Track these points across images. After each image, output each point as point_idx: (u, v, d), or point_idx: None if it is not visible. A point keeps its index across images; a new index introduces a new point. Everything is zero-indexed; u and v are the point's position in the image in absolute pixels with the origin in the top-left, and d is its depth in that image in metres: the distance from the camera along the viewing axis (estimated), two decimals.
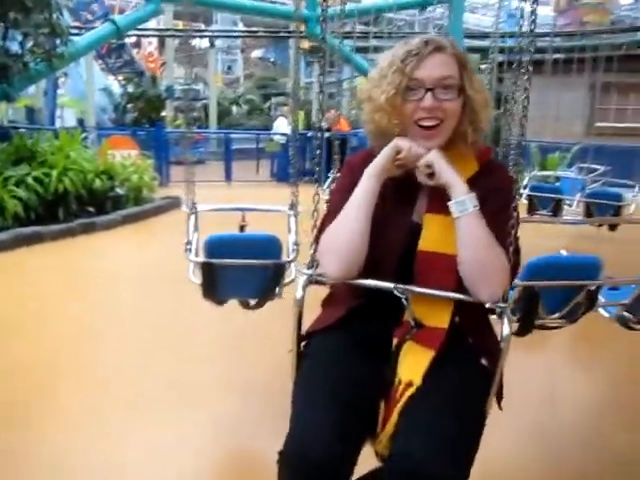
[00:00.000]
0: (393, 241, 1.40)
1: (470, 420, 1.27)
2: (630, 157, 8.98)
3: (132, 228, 6.85)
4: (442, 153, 1.38)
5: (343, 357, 1.39)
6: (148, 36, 20.27)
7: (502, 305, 1.34)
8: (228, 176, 11.62)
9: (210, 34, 20.69)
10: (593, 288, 2.10)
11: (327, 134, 6.48)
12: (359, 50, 12.78)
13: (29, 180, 6.20)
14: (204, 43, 24.72)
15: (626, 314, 2.32)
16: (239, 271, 2.02)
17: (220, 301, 2.14)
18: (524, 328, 1.90)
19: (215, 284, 2.03)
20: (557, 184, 7.09)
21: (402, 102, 1.37)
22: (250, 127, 18.46)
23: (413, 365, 1.32)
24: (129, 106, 17.02)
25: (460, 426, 1.22)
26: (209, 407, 2.65)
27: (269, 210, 2.58)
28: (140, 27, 13.06)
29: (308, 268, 1.44)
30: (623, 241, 5.44)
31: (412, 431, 1.22)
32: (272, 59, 32.95)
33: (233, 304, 2.32)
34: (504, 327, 1.34)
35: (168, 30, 18.11)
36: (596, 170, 7.57)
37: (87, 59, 13.77)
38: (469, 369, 1.37)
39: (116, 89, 18.75)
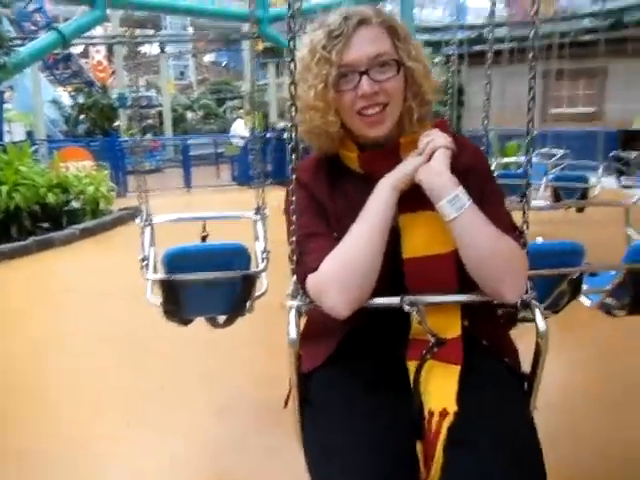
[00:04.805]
0: None
1: (526, 436, 1.10)
2: (584, 141, 9.12)
3: (91, 242, 6.59)
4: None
5: (356, 401, 1.15)
6: (95, 44, 19.75)
7: (527, 296, 1.18)
8: (187, 183, 11.30)
9: (159, 39, 20.25)
10: (576, 276, 1.99)
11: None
12: None
13: None
14: (154, 49, 24.24)
15: (609, 301, 2.18)
16: (204, 286, 1.85)
17: (184, 321, 1.96)
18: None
19: (178, 303, 1.85)
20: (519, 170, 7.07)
21: (336, 94, 1.18)
22: (207, 132, 18.17)
23: (441, 388, 1.13)
24: (81, 117, 16.64)
25: (520, 449, 1.06)
26: (187, 429, 2.49)
27: (232, 217, 2.40)
28: (86, 35, 12.70)
29: (293, 297, 1.19)
30: (591, 223, 5.34)
31: (466, 472, 1.03)
32: (224, 63, 32.59)
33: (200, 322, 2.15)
34: (538, 321, 1.18)
35: (115, 37, 17.60)
36: (555, 155, 7.62)
37: (33, 70, 13.29)
38: (499, 376, 1.20)
39: (66, 100, 18.26)
